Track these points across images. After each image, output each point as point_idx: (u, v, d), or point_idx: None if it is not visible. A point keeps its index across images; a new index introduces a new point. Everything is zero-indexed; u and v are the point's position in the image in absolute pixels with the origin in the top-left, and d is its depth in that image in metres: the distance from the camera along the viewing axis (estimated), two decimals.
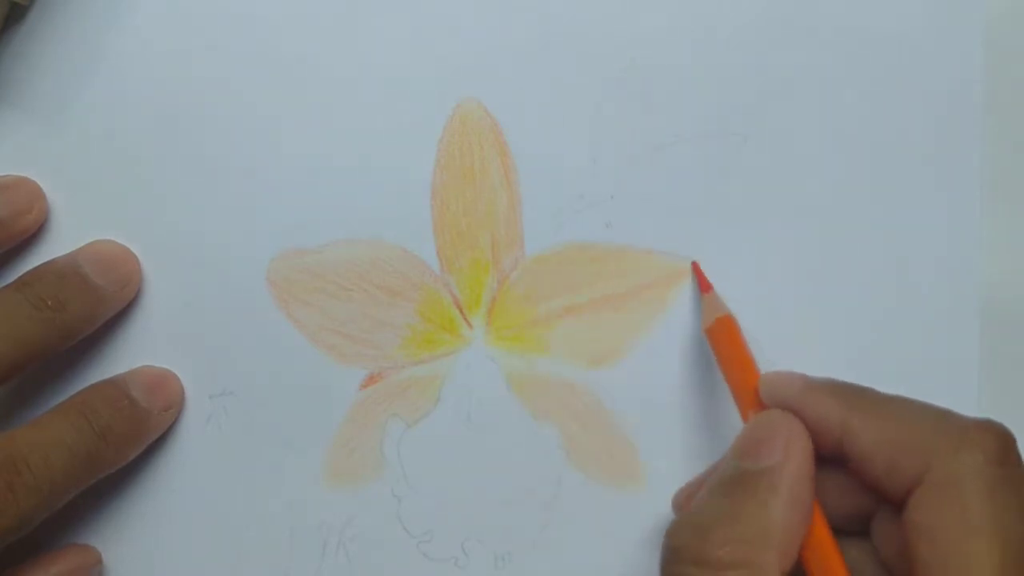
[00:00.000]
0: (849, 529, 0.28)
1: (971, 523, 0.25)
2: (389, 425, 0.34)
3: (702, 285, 0.33)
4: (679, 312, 0.34)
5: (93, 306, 0.33)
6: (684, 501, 0.32)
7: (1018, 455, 0.26)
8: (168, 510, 0.34)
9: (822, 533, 0.27)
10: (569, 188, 0.34)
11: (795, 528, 0.26)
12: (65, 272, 0.33)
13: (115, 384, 0.33)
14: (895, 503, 0.26)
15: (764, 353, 0.34)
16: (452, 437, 0.34)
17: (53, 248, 0.34)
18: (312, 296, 0.34)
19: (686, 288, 0.34)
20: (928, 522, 0.25)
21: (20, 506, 0.30)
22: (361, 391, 0.34)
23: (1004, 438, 0.26)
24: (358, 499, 0.34)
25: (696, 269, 0.34)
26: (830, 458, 0.28)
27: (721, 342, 0.32)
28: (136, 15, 0.34)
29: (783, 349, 0.34)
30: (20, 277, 0.32)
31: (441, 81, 0.34)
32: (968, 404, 0.34)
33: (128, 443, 0.33)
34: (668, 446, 0.34)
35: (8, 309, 0.31)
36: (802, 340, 0.34)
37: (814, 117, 0.34)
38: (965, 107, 0.34)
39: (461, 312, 0.34)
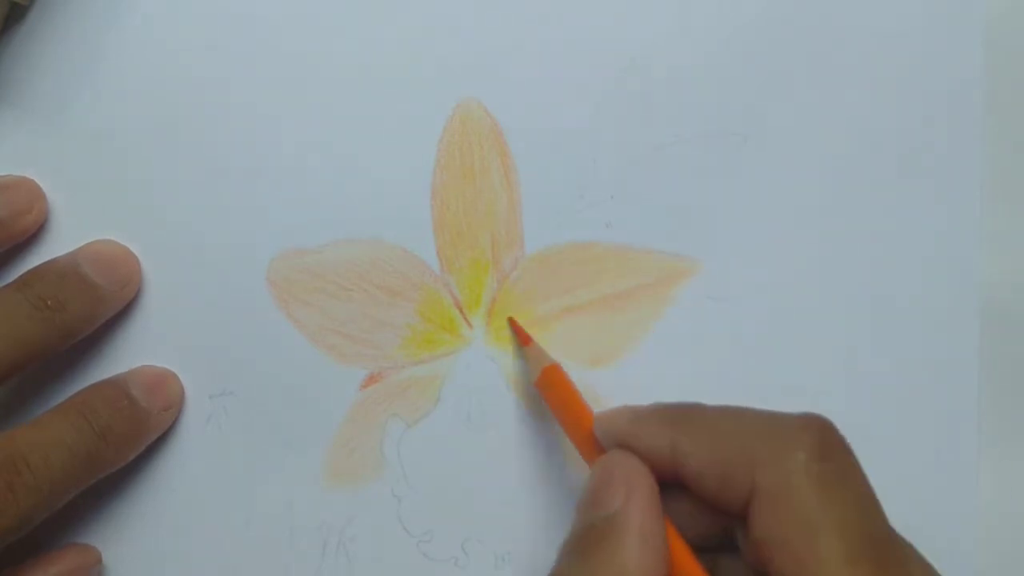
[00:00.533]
0: (719, 545, 0.28)
1: (810, 524, 0.24)
2: (389, 425, 0.34)
3: (521, 339, 0.33)
4: (679, 312, 0.34)
5: (93, 306, 0.33)
6: None
7: (840, 444, 0.26)
8: (168, 510, 0.34)
9: (685, 562, 0.26)
10: (569, 188, 0.34)
11: (652, 568, 0.25)
12: (65, 272, 0.33)
13: (115, 384, 0.33)
14: (738, 517, 0.26)
15: (763, 353, 0.34)
16: (452, 437, 0.34)
17: (53, 248, 0.34)
18: (312, 296, 0.34)
19: (686, 288, 0.34)
20: (769, 533, 0.24)
21: (20, 506, 0.30)
22: (361, 391, 0.34)
23: (823, 431, 0.26)
24: (358, 499, 0.34)
25: (513, 324, 0.34)
26: (674, 483, 0.27)
27: (552, 393, 0.31)
28: (136, 15, 0.34)
29: (782, 349, 0.34)
30: (20, 277, 0.32)
31: (441, 81, 0.34)
32: (968, 404, 0.34)
33: (128, 443, 0.33)
34: None
35: (8, 309, 0.31)
36: (801, 340, 0.34)
37: (814, 117, 0.34)
38: (965, 107, 0.34)
39: (461, 312, 0.34)
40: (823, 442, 0.25)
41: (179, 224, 0.34)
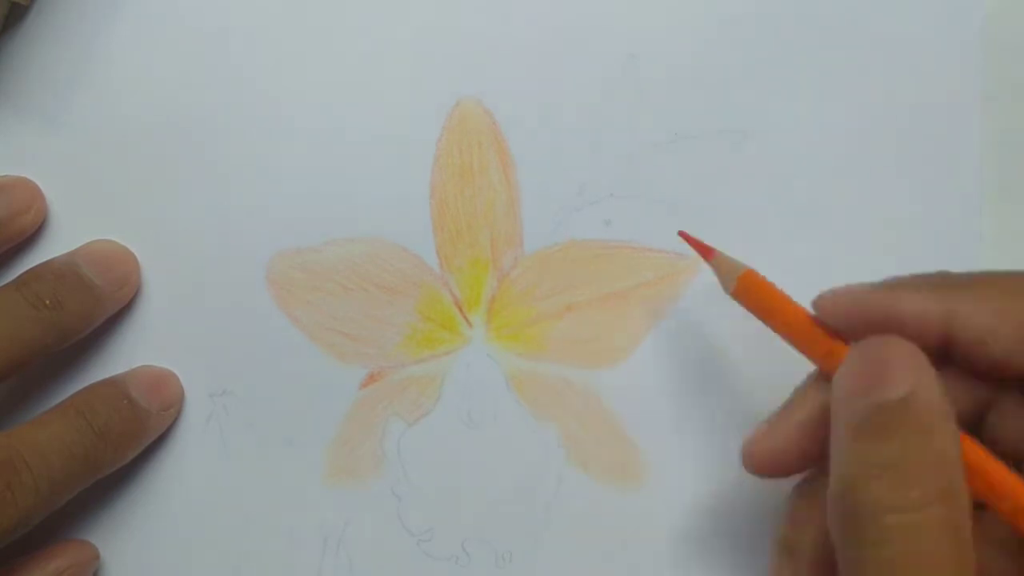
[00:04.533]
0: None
1: None
2: (389, 424, 0.34)
3: (703, 252, 0.31)
4: (679, 311, 0.34)
5: (91, 305, 0.33)
6: (762, 450, 0.29)
7: None
8: (168, 509, 0.34)
9: (972, 447, 0.26)
10: (568, 186, 0.34)
11: (957, 449, 0.25)
12: (63, 272, 0.33)
13: (114, 384, 0.33)
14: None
15: (764, 353, 0.34)
16: (452, 436, 0.34)
17: (52, 248, 0.34)
18: (312, 295, 0.34)
19: (686, 287, 0.34)
20: None
21: (19, 506, 0.30)
22: (361, 390, 0.34)
23: None
24: (358, 498, 0.34)
25: (687, 238, 0.32)
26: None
27: (754, 296, 0.30)
28: (136, 15, 0.35)
29: (782, 348, 0.34)
30: (18, 277, 0.33)
31: (440, 80, 0.34)
32: None
33: (127, 443, 0.33)
34: (668, 445, 0.34)
35: (7, 308, 0.31)
36: None
37: (814, 115, 0.34)
38: (965, 107, 0.34)
39: (461, 311, 0.34)
40: None
41: (179, 224, 0.34)
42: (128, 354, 0.34)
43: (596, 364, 0.34)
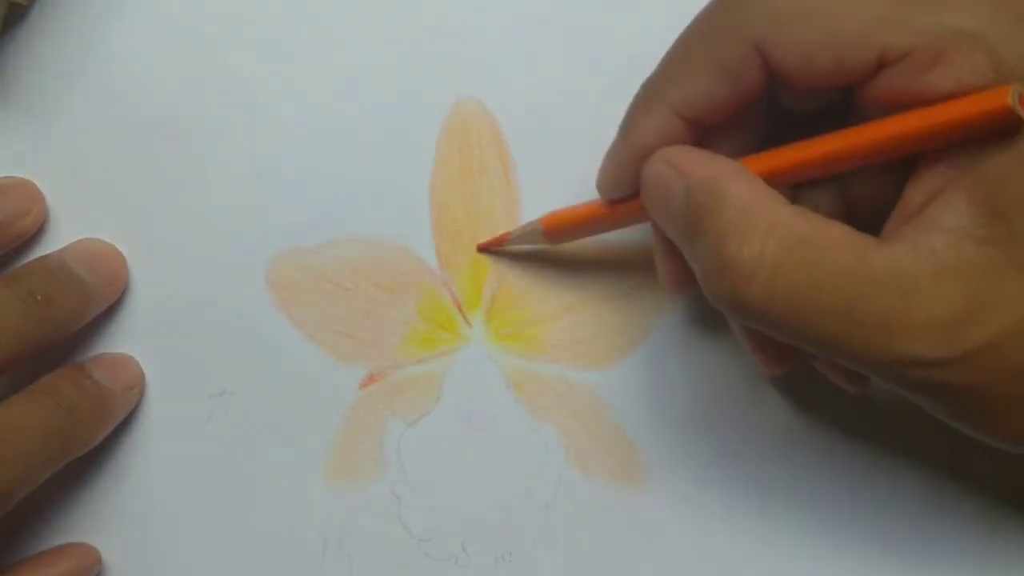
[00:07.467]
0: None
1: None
2: (389, 424, 0.34)
3: (502, 240, 0.34)
4: (679, 312, 0.34)
5: (81, 301, 0.33)
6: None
7: None
8: (168, 510, 0.34)
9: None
10: (568, 187, 0.34)
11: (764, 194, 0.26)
12: (53, 268, 0.33)
13: (76, 367, 0.33)
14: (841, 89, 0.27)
15: None
16: (452, 436, 0.34)
17: (52, 249, 0.34)
18: (312, 295, 0.34)
19: None
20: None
21: (0, 479, 0.30)
22: (361, 390, 0.34)
23: None
24: (358, 499, 0.34)
25: (483, 246, 0.34)
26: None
27: (563, 226, 0.32)
28: (136, 15, 0.34)
29: None
30: (8, 273, 0.32)
31: (441, 81, 0.34)
32: None
33: (96, 420, 0.33)
34: (668, 445, 0.34)
35: None
36: None
37: None
38: None
39: (460, 311, 0.34)
40: None
41: (179, 224, 0.34)
42: (128, 353, 0.34)
43: (596, 364, 0.34)
